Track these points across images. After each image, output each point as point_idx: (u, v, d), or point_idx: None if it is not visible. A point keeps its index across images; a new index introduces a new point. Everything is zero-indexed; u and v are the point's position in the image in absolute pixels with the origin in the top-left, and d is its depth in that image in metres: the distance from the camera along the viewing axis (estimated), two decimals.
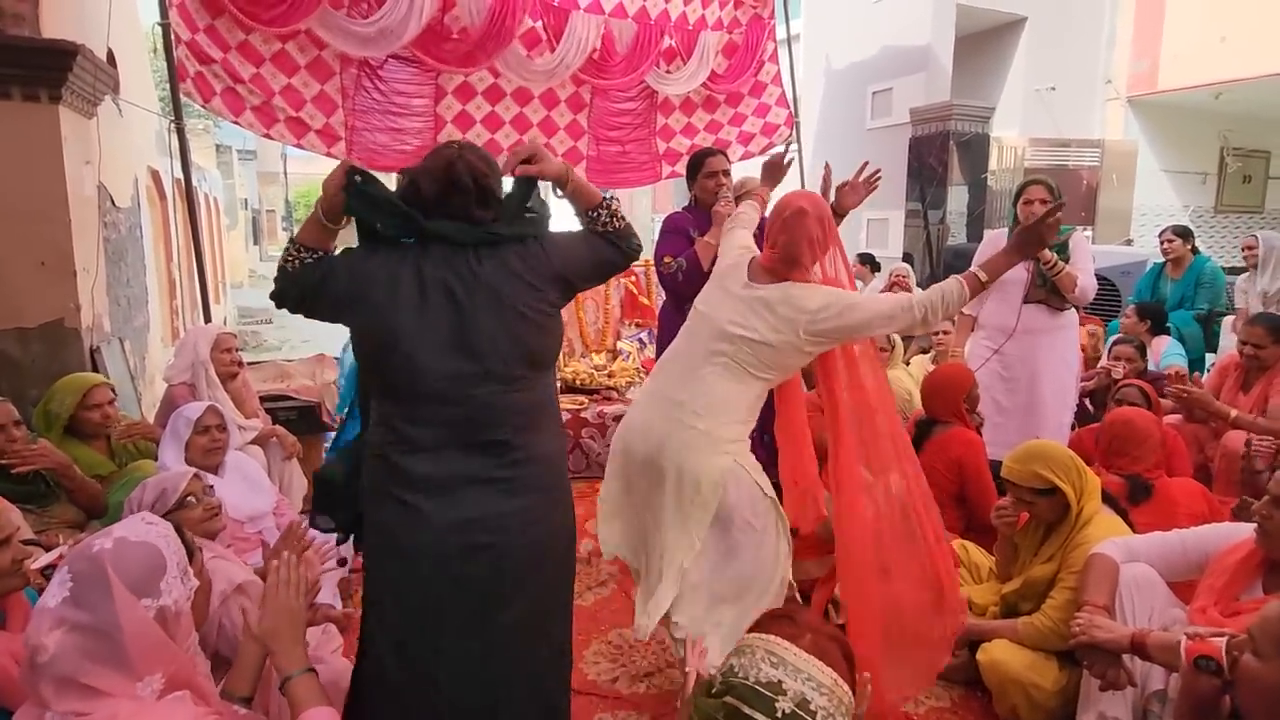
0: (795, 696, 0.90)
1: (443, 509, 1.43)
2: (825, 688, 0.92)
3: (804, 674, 0.91)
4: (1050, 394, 3.21)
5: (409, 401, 1.45)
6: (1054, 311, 3.18)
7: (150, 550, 1.17)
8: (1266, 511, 1.67)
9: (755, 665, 0.93)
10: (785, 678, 0.91)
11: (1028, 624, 2.06)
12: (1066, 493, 2.05)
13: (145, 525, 1.21)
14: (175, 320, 6.43)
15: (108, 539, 1.15)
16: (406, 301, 1.41)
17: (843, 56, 8.45)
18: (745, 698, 0.90)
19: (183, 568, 1.20)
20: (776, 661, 0.92)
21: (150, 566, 1.15)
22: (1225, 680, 1.33)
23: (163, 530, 1.22)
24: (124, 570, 1.11)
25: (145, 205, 5.22)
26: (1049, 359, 3.20)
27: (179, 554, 1.21)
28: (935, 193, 7.08)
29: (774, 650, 0.94)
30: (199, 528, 1.90)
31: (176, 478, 1.94)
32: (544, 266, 1.49)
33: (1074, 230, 3.24)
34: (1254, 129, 8.80)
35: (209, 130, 12.31)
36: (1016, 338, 3.19)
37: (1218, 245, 9.02)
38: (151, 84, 6.05)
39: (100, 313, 3.38)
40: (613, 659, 2.46)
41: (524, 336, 1.46)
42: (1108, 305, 5.59)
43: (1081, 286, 3.09)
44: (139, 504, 1.82)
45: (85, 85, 3.09)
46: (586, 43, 4.61)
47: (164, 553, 1.18)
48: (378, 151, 4.30)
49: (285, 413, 3.55)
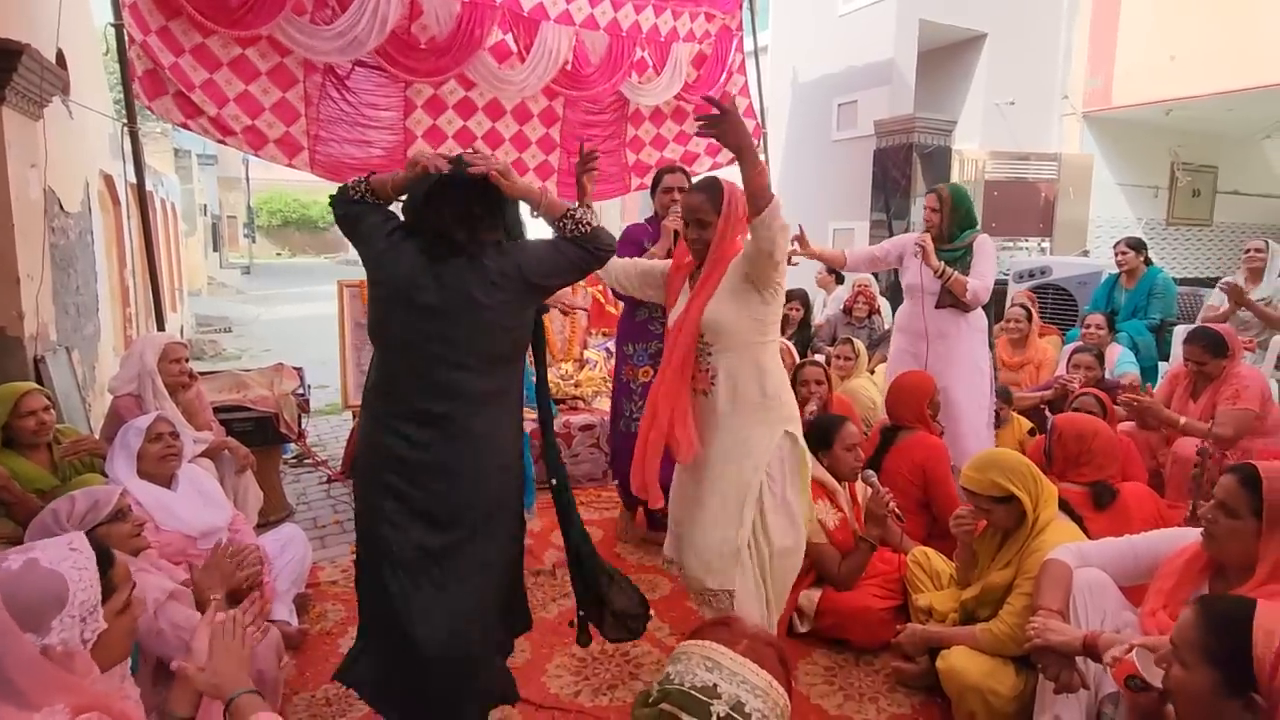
0: (730, 700, 0.90)
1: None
2: (760, 690, 0.92)
3: (739, 677, 0.92)
4: (965, 398, 3.30)
5: (381, 344, 1.80)
6: (964, 315, 3.29)
7: (55, 583, 1.09)
8: (1213, 516, 1.71)
9: (691, 671, 0.93)
10: (721, 681, 0.91)
11: (985, 630, 2.09)
12: (1023, 500, 2.09)
13: (67, 551, 1.13)
14: (129, 329, 6.24)
15: (20, 558, 1.09)
16: (398, 262, 1.73)
17: (809, 69, 8.57)
18: (681, 704, 0.90)
19: (88, 608, 1.11)
20: (712, 666, 0.93)
21: (48, 599, 1.07)
22: (1161, 691, 1.35)
23: (80, 562, 1.13)
24: (17, 598, 1.04)
25: (97, 210, 5.07)
26: (961, 363, 3.30)
27: (89, 592, 1.12)
28: (899, 203, 7.19)
29: (710, 655, 0.94)
30: (128, 544, 1.84)
31: (109, 491, 1.88)
32: (508, 267, 1.72)
33: (977, 233, 3.33)
34: (1202, 145, 9.11)
35: (167, 134, 12.01)
36: (933, 341, 3.30)
37: (1169, 257, 9.30)
38: (105, 86, 5.88)
39: (46, 321, 3.26)
40: (575, 672, 2.43)
41: (480, 327, 1.71)
42: (1065, 315, 5.73)
43: (972, 290, 3.20)
44: (69, 515, 1.74)
45: (31, 86, 2.99)
46: (558, 54, 4.60)
47: (69, 588, 1.10)
48: (344, 162, 4.21)
49: (241, 424, 3.46)
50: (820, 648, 2.56)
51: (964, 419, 3.30)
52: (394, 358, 1.76)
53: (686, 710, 0.89)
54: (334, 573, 3.10)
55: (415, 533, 1.71)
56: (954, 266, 3.23)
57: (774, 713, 0.93)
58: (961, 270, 3.24)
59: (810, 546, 2.61)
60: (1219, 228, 9.67)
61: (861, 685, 2.37)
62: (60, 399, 3.09)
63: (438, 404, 1.71)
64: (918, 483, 2.92)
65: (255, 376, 3.99)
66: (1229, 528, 1.67)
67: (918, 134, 7.08)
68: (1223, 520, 1.69)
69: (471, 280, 1.69)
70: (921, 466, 2.91)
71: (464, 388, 1.72)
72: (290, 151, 4.03)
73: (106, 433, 2.86)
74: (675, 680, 0.93)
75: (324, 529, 3.57)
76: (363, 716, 2.21)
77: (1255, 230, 8.91)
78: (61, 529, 1.67)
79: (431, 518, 1.72)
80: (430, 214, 1.71)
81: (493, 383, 1.76)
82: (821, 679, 2.40)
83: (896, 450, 2.99)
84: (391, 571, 1.72)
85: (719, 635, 0.97)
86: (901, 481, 2.88)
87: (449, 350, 1.70)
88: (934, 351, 3.32)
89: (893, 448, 3.01)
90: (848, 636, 2.54)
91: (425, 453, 1.71)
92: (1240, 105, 7.61)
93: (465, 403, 1.72)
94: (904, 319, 3.49)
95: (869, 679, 2.40)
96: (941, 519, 2.93)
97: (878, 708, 2.26)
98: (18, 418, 2.40)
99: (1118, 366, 4.16)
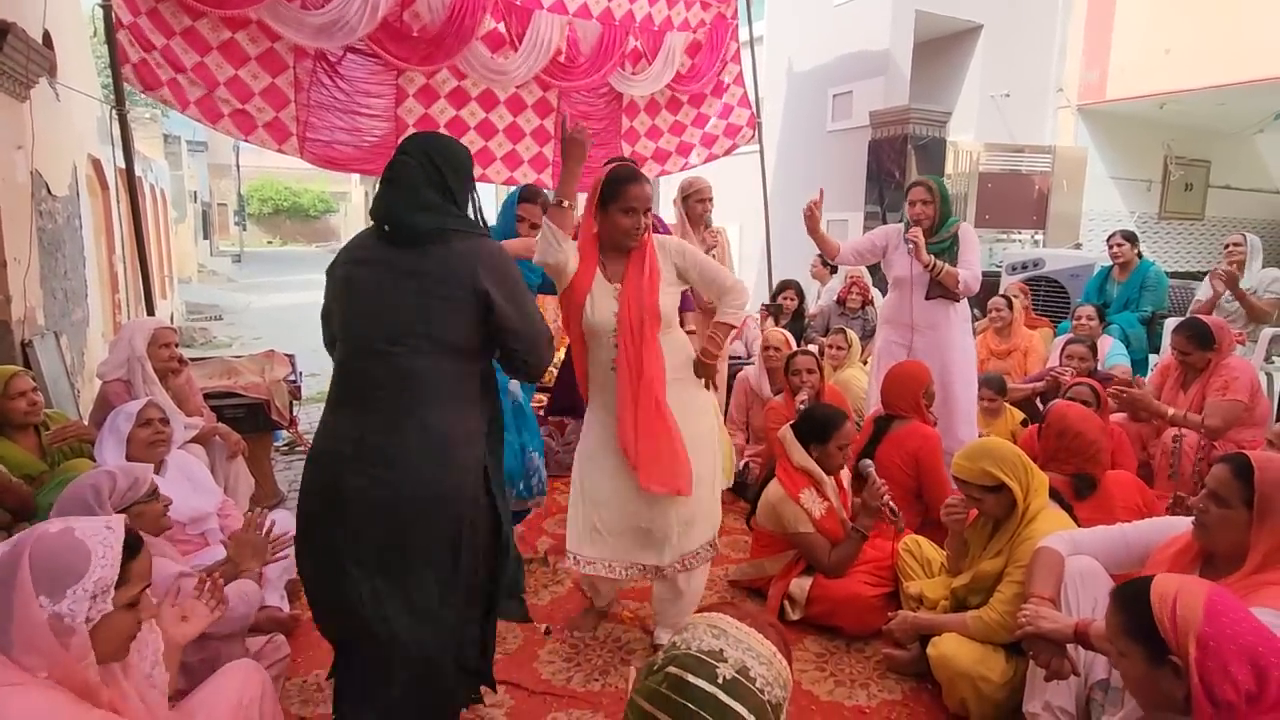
0: (736, 664, 0.92)
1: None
2: (765, 658, 0.94)
3: (744, 644, 0.94)
4: (958, 386, 3.34)
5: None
6: (952, 305, 3.31)
7: (80, 553, 1.12)
8: (1203, 505, 1.72)
9: (697, 637, 0.95)
10: (726, 647, 0.93)
11: (976, 618, 2.10)
12: (1014, 490, 2.10)
13: (102, 529, 1.16)
14: (118, 315, 6.19)
15: (61, 524, 1.14)
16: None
17: (804, 60, 8.54)
18: (687, 666, 0.91)
19: (102, 585, 1.13)
20: (718, 633, 0.95)
21: (68, 567, 1.10)
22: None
23: (108, 541, 1.15)
24: (41, 558, 1.09)
25: (85, 195, 5.01)
26: (952, 351, 3.33)
27: (107, 571, 1.14)
28: (894, 195, 7.19)
29: (715, 623, 0.96)
30: (157, 523, 1.86)
31: (145, 470, 1.89)
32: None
33: (959, 222, 3.34)
34: (1195, 139, 9.14)
35: (156, 119, 11.89)
36: (922, 332, 3.31)
37: (1161, 250, 9.34)
38: (94, 69, 5.81)
39: (33, 305, 3.23)
40: (567, 658, 2.43)
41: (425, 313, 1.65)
42: (1057, 307, 5.75)
43: (964, 281, 3.23)
44: (111, 491, 1.72)
45: (16, 66, 2.95)
46: (550, 44, 4.56)
47: (92, 560, 1.12)
48: (335, 149, 4.18)
49: (233, 410, 3.44)
50: (811, 634, 2.56)
51: (958, 408, 3.32)
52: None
53: (693, 672, 0.90)
54: None
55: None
56: (941, 257, 3.24)
57: (778, 681, 0.94)
58: (949, 260, 3.25)
59: (798, 536, 2.63)
60: (1211, 222, 9.71)
61: (852, 672, 2.38)
62: (49, 384, 3.06)
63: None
64: (911, 472, 2.92)
65: (246, 363, 3.96)
66: (1220, 517, 1.68)
67: (913, 125, 7.07)
68: (1214, 510, 1.70)
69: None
70: (915, 456, 2.92)
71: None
72: (280, 137, 4.00)
73: (95, 418, 2.84)
74: (681, 646, 0.94)
75: None
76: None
77: (1247, 225, 8.95)
78: (100, 504, 1.67)
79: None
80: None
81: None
82: (813, 665, 2.41)
83: (890, 440, 2.99)
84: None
85: (724, 611, 0.99)
86: (895, 471, 2.89)
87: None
88: (924, 341, 3.33)
89: (886, 437, 3.01)
90: (839, 624, 2.55)
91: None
92: (1233, 100, 7.63)
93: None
94: (891, 311, 3.48)
95: (860, 666, 2.41)
96: (934, 508, 2.94)
97: (868, 694, 2.27)
98: (8, 399, 2.39)
99: (1109, 358, 4.18)
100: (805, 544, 2.63)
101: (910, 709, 2.21)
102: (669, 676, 0.91)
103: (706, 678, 0.90)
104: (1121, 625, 1.33)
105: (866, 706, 2.21)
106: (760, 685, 0.91)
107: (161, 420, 2.47)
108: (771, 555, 2.79)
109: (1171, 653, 1.24)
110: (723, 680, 0.90)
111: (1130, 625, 1.31)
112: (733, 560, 3.14)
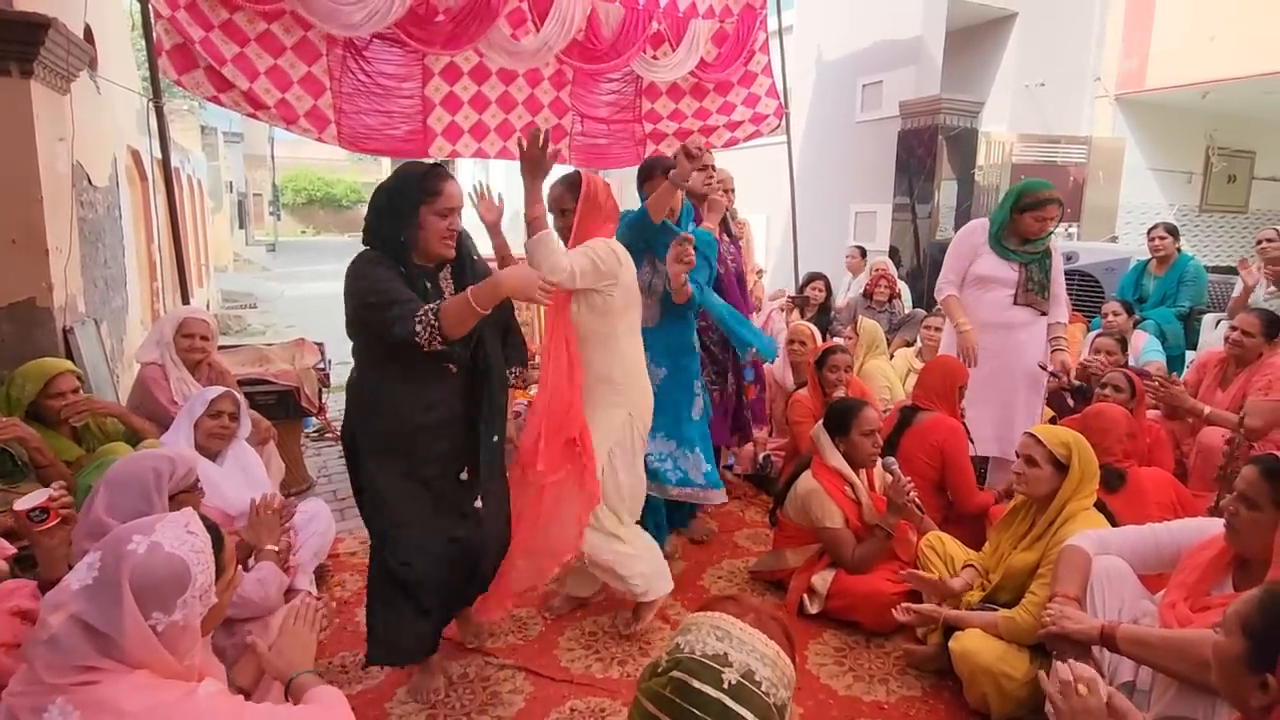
0: (741, 668, 0.91)
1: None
2: (769, 659, 0.94)
3: (749, 646, 0.93)
4: (1025, 386, 3.27)
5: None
6: (1037, 314, 3.24)
7: (179, 567, 1.14)
8: (1234, 508, 1.68)
9: (701, 640, 0.94)
10: (731, 650, 0.92)
11: (1008, 619, 2.07)
12: (1070, 476, 2.10)
13: (185, 534, 1.17)
14: (156, 302, 6.34)
15: (145, 539, 1.13)
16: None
17: (834, 49, 8.41)
18: (692, 671, 0.91)
19: (204, 586, 1.17)
20: (722, 635, 0.94)
21: (172, 583, 1.13)
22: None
23: (198, 544, 1.18)
24: (143, 581, 1.10)
25: (125, 185, 5.14)
26: (1028, 355, 3.25)
27: (207, 571, 1.18)
28: (924, 186, 7.07)
29: (719, 625, 0.95)
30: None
31: (194, 457, 1.95)
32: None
33: (1051, 235, 3.25)
34: (1240, 129, 8.84)
35: (193, 111, 12.12)
36: (1000, 333, 3.23)
37: (1202, 244, 9.07)
38: (133, 62, 5.94)
39: (74, 293, 3.32)
40: (586, 646, 2.45)
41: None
42: (1091, 302, 5.62)
43: (1066, 317, 3.30)
44: (171, 476, 1.77)
45: (58, 60, 3.03)
46: (572, 23, 4.54)
47: (191, 570, 1.15)
48: (367, 135, 4.24)
49: (263, 397, 3.51)
50: (831, 629, 2.56)
51: (1023, 407, 3.26)
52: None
53: (698, 677, 0.90)
54: (353, 544, 3.15)
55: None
56: (1034, 266, 3.17)
57: (782, 682, 0.94)
58: (1039, 271, 3.18)
59: (824, 531, 2.62)
60: (1255, 214, 9.40)
61: (871, 667, 2.37)
62: (89, 370, 3.15)
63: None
64: (934, 464, 2.90)
65: (277, 350, 4.04)
66: (1250, 519, 1.65)
67: (944, 115, 6.94)
68: (1244, 512, 1.66)
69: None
70: (940, 448, 2.89)
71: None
72: (320, 125, 4.05)
73: (133, 401, 2.92)
74: (686, 649, 0.93)
75: (344, 501, 3.63)
76: (378, 683, 2.25)
77: None
78: (159, 489, 1.72)
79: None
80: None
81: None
82: (831, 659, 2.41)
83: (914, 431, 2.97)
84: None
85: (727, 608, 0.98)
86: (918, 463, 2.87)
87: None
88: (1004, 342, 3.21)
89: (910, 428, 2.99)
90: (858, 619, 2.54)
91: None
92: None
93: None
94: (977, 313, 3.23)
95: (879, 661, 2.40)
96: (957, 501, 2.92)
97: (888, 689, 2.26)
98: (47, 397, 2.46)
99: (1144, 354, 4.08)
100: (831, 539, 2.62)
101: (930, 705, 2.20)
102: (673, 680, 0.91)
103: (712, 683, 0.89)
104: (1243, 614, 1.24)
105: (885, 702, 2.20)
106: (765, 688, 0.91)
107: (231, 415, 2.52)
108: (795, 547, 2.79)
109: (1273, 672, 1.17)
110: (728, 685, 0.89)
111: (1251, 621, 1.23)
112: (753, 553, 3.15)
